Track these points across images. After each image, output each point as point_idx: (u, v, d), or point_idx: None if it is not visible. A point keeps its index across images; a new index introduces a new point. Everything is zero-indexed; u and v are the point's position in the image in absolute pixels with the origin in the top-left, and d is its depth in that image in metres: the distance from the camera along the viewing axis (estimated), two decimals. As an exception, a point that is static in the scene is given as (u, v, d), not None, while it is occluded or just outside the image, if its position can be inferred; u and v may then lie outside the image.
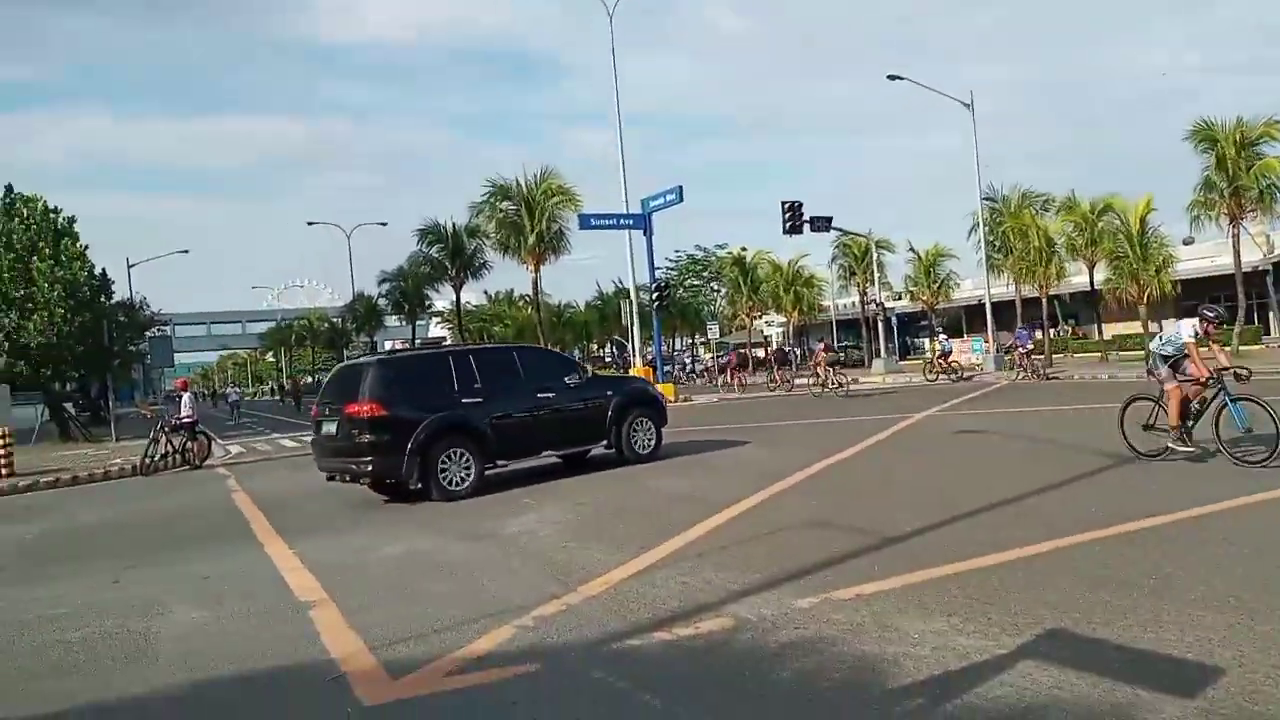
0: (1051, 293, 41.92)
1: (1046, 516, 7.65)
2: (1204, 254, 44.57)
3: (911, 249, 51.74)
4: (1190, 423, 9.83)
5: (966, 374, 32.72)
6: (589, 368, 16.57)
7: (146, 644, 5.81)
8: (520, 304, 78.71)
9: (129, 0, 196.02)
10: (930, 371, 33.36)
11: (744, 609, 5.55)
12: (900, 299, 56.79)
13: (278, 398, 51.16)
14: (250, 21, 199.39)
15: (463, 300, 57.05)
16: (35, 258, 24.61)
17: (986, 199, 41.33)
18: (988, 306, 38.47)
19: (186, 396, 18.97)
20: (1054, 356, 38.89)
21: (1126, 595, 5.28)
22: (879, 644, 4.75)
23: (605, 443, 13.19)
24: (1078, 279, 42.92)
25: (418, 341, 56.91)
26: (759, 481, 10.43)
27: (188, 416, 18.28)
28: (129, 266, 42.63)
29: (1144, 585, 5.45)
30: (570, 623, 5.57)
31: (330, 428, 11.83)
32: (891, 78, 35.88)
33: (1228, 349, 13.12)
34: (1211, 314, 9.61)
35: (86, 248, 26.96)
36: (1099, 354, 41.92)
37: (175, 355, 35.23)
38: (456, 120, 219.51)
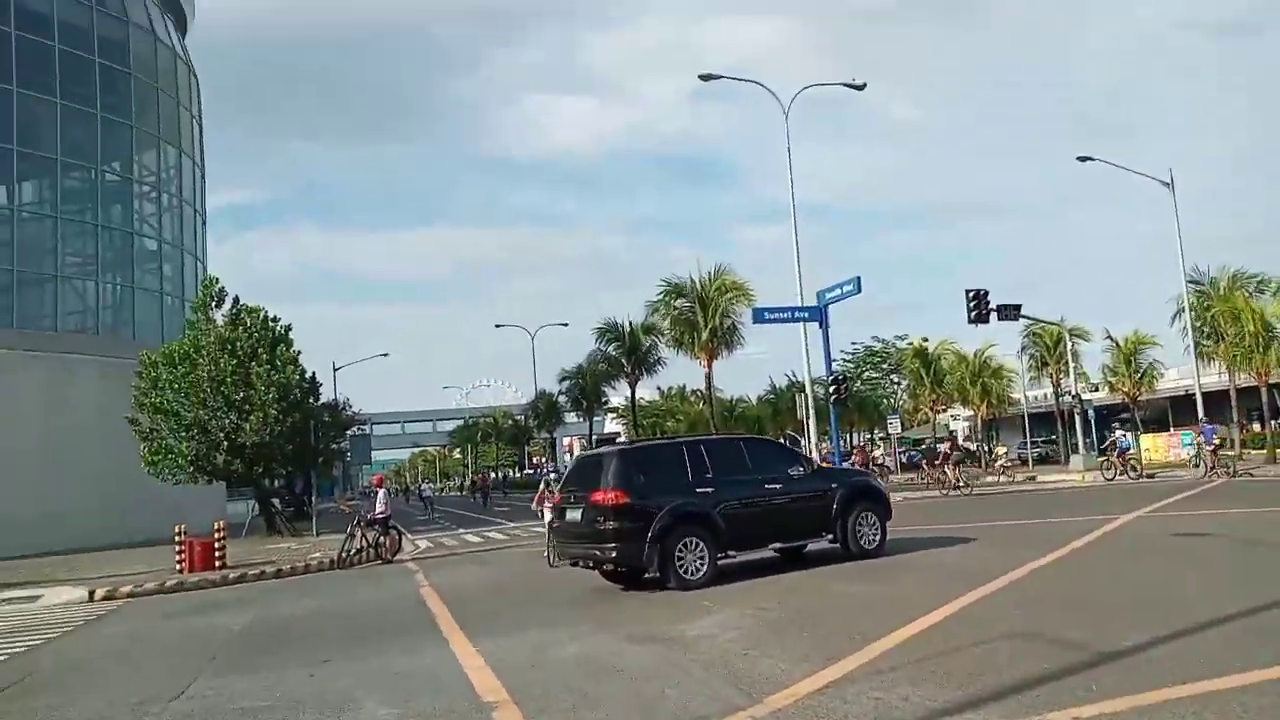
0: (1271, 380, 38.29)
1: (1295, 634, 6.75)
2: None
3: (1109, 337, 48.72)
4: None
5: (1148, 472, 29.97)
6: (814, 460, 16.58)
7: (339, 740, 5.94)
8: (692, 399, 79.11)
9: (340, 125, 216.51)
10: (1107, 469, 30.65)
11: (947, 729, 5.11)
12: (1097, 390, 53.34)
13: (467, 494, 53.32)
14: (447, 142, 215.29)
15: (637, 396, 57.97)
16: (254, 363, 26.84)
17: (1192, 282, 38.54)
18: (1198, 397, 35.46)
19: (381, 493, 19.93)
20: (1277, 451, 35.25)
21: None
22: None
23: (830, 536, 13.05)
24: (1304, 364, 39.05)
25: (594, 438, 58.03)
26: (954, 587, 9.78)
27: (382, 512, 19.16)
28: (334, 369, 46.06)
29: None
30: (756, 737, 5.29)
31: (575, 515, 12.28)
32: (1081, 159, 34.51)
33: None
34: None
35: (299, 353, 29.21)
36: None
37: (372, 453, 37.26)
38: (635, 224, 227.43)
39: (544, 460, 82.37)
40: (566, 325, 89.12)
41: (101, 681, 8.69)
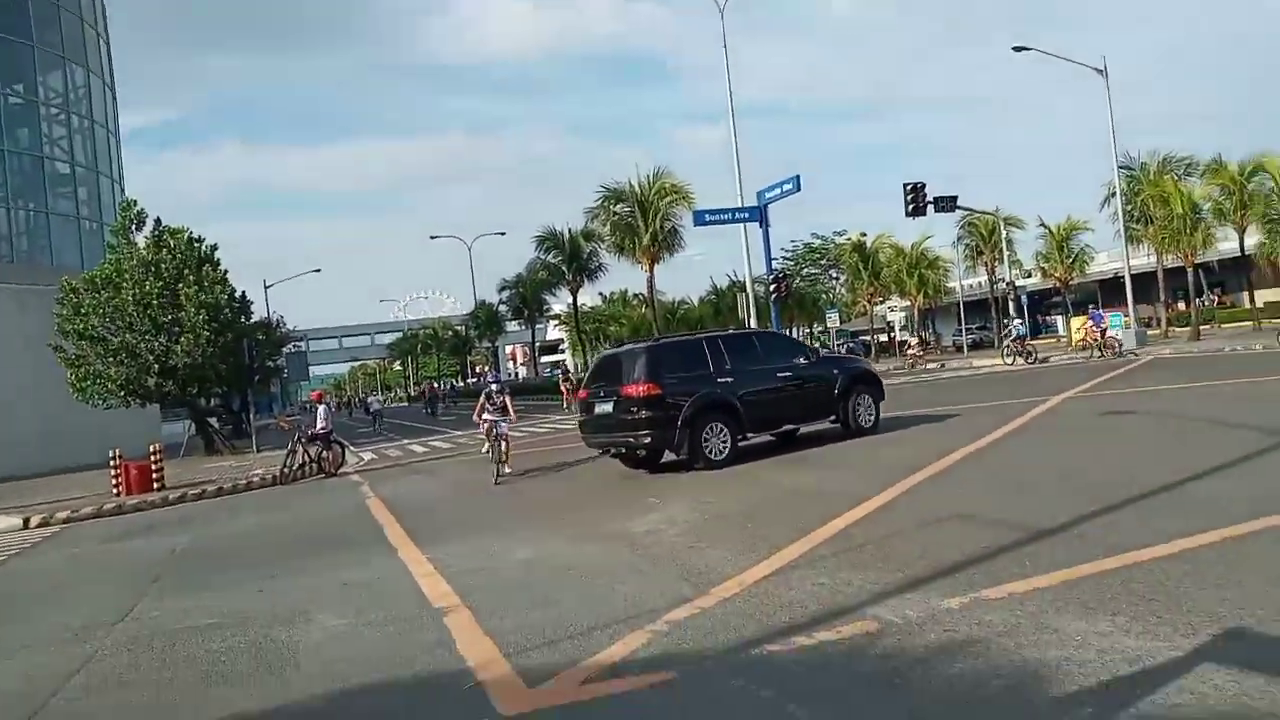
0: (1197, 261, 39.41)
1: (1212, 504, 7.05)
2: (1369, 212, 41.02)
3: (1042, 224, 49.56)
4: None
5: (1121, 350, 31.22)
6: (817, 348, 17.75)
7: (290, 653, 5.92)
8: (634, 303, 79.09)
9: (257, 38, 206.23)
10: (1083, 348, 32.49)
11: (887, 611, 5.27)
12: (1030, 276, 54.52)
13: (421, 404, 53.18)
14: (371, 49, 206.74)
15: (579, 302, 57.72)
16: (181, 285, 26.00)
17: (1123, 167, 39.10)
18: (1128, 280, 36.39)
19: (322, 408, 19.68)
20: (1200, 329, 36.59)
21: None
22: (1038, 647, 4.40)
23: (833, 418, 14.27)
24: (1225, 245, 40.24)
25: (537, 346, 57.84)
26: (890, 475, 10.03)
27: (323, 427, 18.95)
28: (266, 287, 44.96)
29: None
30: (705, 627, 5.39)
31: (605, 407, 13.32)
32: (1017, 49, 34.37)
33: None
34: None
35: (227, 273, 28.37)
36: (1251, 322, 39.21)
37: (309, 369, 36.67)
38: (572, 128, 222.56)
39: (485, 369, 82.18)
40: (504, 234, 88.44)
41: (41, 608, 8.55)
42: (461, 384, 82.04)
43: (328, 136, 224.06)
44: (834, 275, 67.60)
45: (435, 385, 62.04)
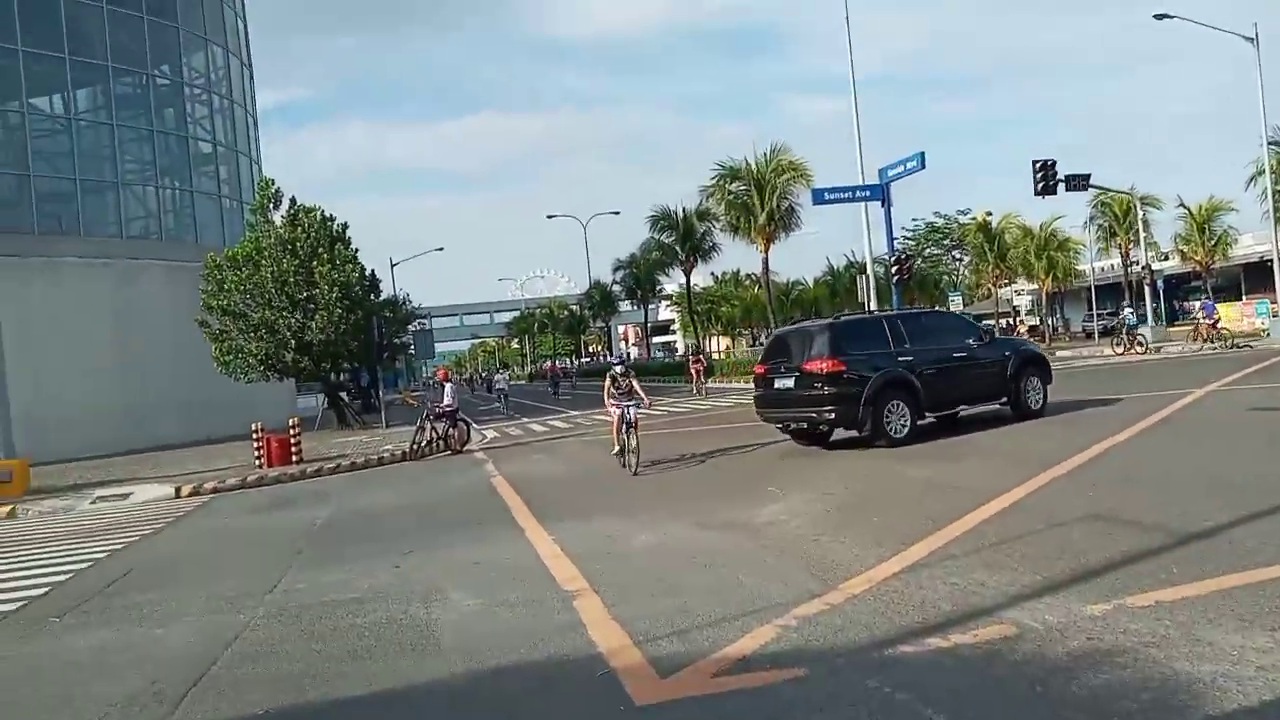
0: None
1: (1384, 512, 6.60)
2: None
3: (1182, 204, 46.88)
4: None
5: (1238, 341, 29.57)
6: (991, 330, 17.80)
7: (429, 631, 6.19)
8: (747, 283, 78.59)
9: (378, 15, 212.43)
10: (1194, 339, 30.65)
11: (1025, 615, 5.14)
12: (1167, 259, 51.72)
13: (545, 384, 54.11)
14: (486, 23, 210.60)
15: (691, 283, 57.71)
16: (315, 263, 27.18)
17: (1273, 143, 36.58)
18: (1276, 264, 34.07)
19: (449, 386, 20.33)
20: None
21: None
22: (1190, 660, 4.23)
23: (1003, 399, 14.40)
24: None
25: (649, 326, 58.00)
26: (1024, 469, 9.73)
27: (449, 405, 19.57)
28: (392, 265, 46.40)
29: None
30: (835, 624, 5.38)
31: (786, 383, 13.72)
32: (1159, 17, 32.49)
33: None
34: None
35: (357, 251, 29.50)
36: None
37: (434, 346, 37.82)
38: (684, 103, 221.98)
39: (601, 349, 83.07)
40: (618, 214, 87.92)
41: (197, 576, 9.14)
42: (577, 363, 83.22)
43: (447, 112, 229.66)
44: (957, 256, 65.60)
45: (554, 364, 62.57)
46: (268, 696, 5.19)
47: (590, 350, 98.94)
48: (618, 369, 13.79)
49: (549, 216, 69.77)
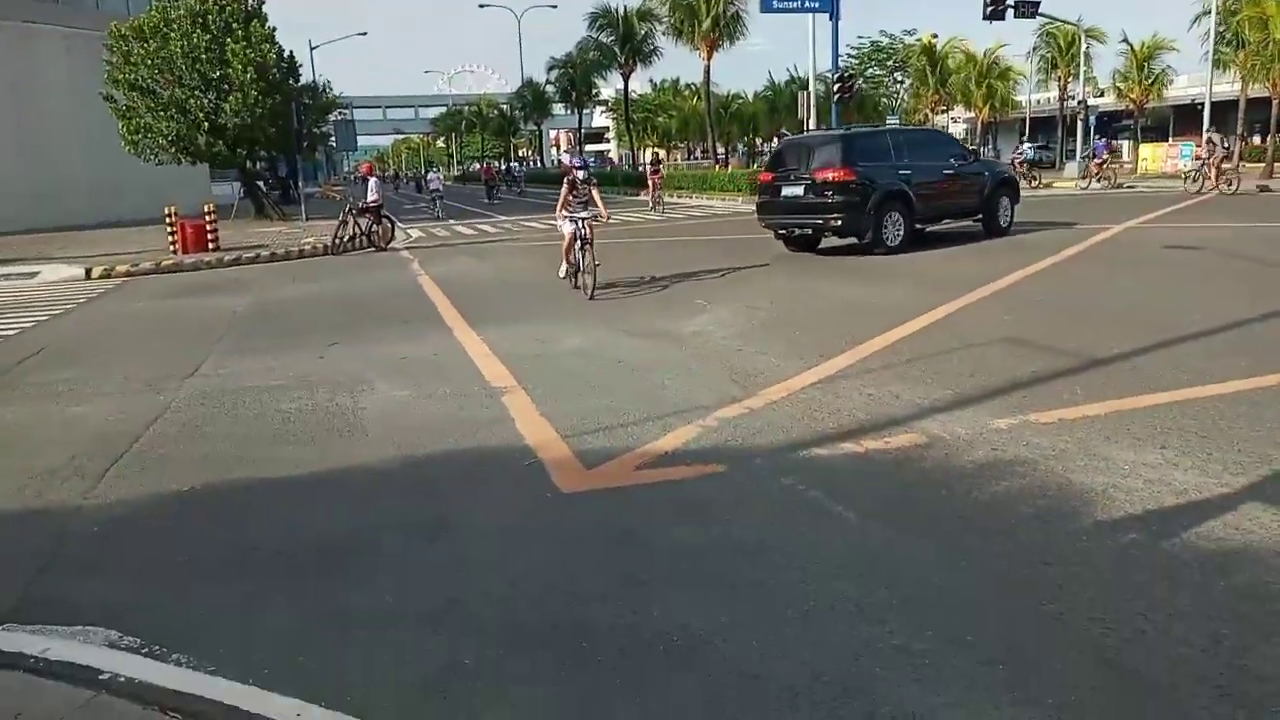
0: (1286, 93, 37.01)
1: (1275, 346, 6.99)
2: None
3: (1125, 40, 46.56)
4: None
5: (1119, 182, 30.32)
6: (974, 149, 19.21)
7: (356, 419, 6.22)
8: (686, 93, 76.46)
9: None
10: (1083, 177, 31.27)
11: (935, 425, 5.39)
12: (1103, 95, 51.79)
13: (478, 186, 51.38)
14: None
15: (629, 89, 55.84)
16: (229, 40, 25.39)
17: (1224, -18, 36.09)
18: (1207, 107, 34.47)
19: (373, 181, 19.67)
20: (1275, 166, 34.88)
21: None
22: (1085, 473, 4.52)
23: (978, 216, 15.56)
24: (1322, 78, 37.60)
25: (582, 132, 56.20)
26: (945, 292, 9.98)
27: (374, 200, 18.99)
28: (311, 49, 43.68)
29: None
30: (753, 426, 5.57)
31: (795, 190, 14.37)
32: None
33: None
34: None
35: (274, 30, 27.57)
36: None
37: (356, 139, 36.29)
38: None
39: (531, 154, 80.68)
40: (555, 7, 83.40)
41: (113, 357, 8.96)
42: (520, 166, 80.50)
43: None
44: (898, 79, 64.53)
45: (490, 166, 58.63)
46: (192, 474, 5.21)
47: (519, 154, 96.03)
48: (579, 174, 11.73)
49: (481, 5, 64.85)
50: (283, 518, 4.57)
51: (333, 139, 35.82)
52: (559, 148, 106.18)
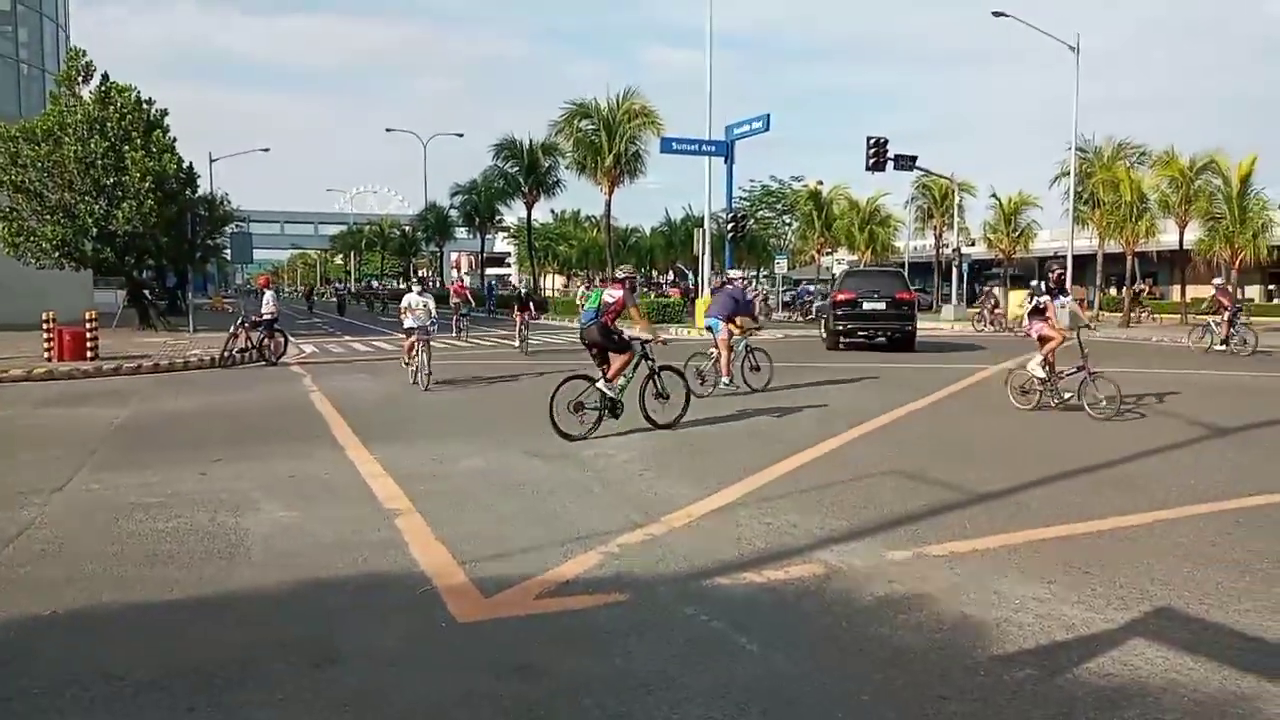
0: (1138, 249, 40.36)
1: (1146, 485, 7.38)
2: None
3: (994, 195, 50.23)
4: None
5: (1016, 329, 32.25)
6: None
7: (239, 540, 5.91)
8: (586, 225, 78.36)
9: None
10: (979, 322, 33.16)
11: (833, 557, 5.45)
12: (974, 245, 55.32)
13: (368, 302, 49.00)
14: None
15: (532, 218, 56.93)
16: (127, 148, 24.94)
17: (1079, 149, 39.65)
18: (1069, 260, 37.10)
19: (269, 294, 19.30)
20: (1131, 316, 37.65)
21: (1240, 578, 5.06)
22: (979, 607, 4.62)
23: (897, 334, 22.47)
24: (1166, 238, 41.22)
25: (484, 257, 56.73)
26: (835, 425, 10.26)
27: (269, 313, 18.60)
28: (211, 161, 43.28)
29: (1257, 568, 5.22)
30: (657, 554, 5.53)
31: (878, 306, 21.56)
32: (996, 14, 34.25)
33: None
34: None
35: (175, 141, 27.28)
36: (1178, 315, 40.48)
37: (253, 251, 35.75)
38: (543, 32, 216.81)
39: (431, 274, 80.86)
40: (461, 135, 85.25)
41: (-27, 468, 8.35)
42: (402, 285, 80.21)
43: (287, 7, 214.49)
44: (787, 221, 67.68)
45: (374, 287, 57.52)
46: (55, 596, 4.83)
47: (419, 275, 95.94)
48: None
49: (388, 130, 66.17)
50: (156, 645, 4.24)
51: (227, 251, 35.14)
52: (459, 269, 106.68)
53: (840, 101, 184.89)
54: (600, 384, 9.68)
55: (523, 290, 26.31)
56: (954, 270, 42.82)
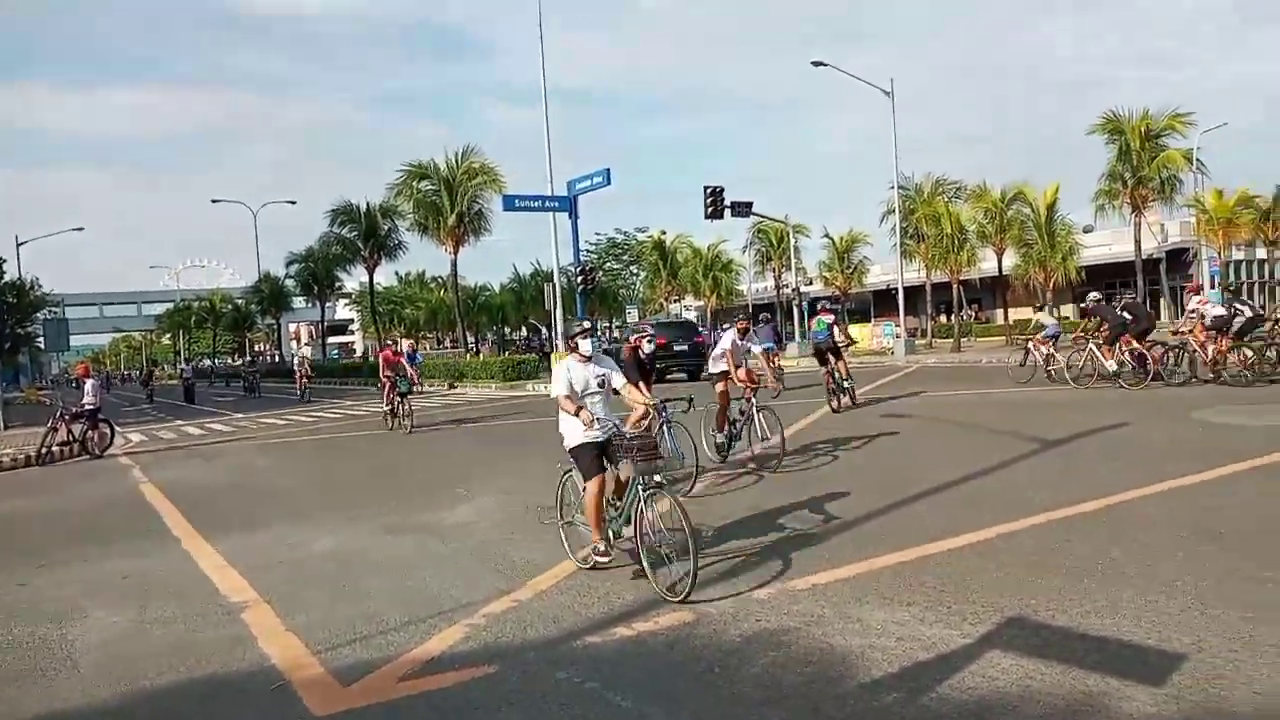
0: (962, 278, 43.10)
1: (989, 501, 7.76)
2: (1103, 241, 46.42)
3: (827, 234, 52.67)
4: None
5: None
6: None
7: (65, 653, 5.41)
8: (433, 286, 77.44)
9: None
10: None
11: (701, 602, 5.45)
12: (812, 283, 57.75)
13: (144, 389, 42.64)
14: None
15: (375, 282, 55.74)
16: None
17: (901, 187, 42.18)
18: (900, 293, 39.25)
19: (90, 383, 18.05)
20: (961, 340, 40.01)
21: (1078, 582, 5.35)
22: (843, 636, 4.71)
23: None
24: (986, 265, 44.20)
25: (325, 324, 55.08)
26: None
27: (90, 403, 17.36)
28: (18, 244, 40.40)
29: (1094, 571, 5.55)
30: (524, 620, 5.39)
31: (682, 348, 26.51)
32: (816, 64, 36.12)
33: None
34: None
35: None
36: (1003, 338, 43.30)
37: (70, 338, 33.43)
38: (378, 98, 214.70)
39: (269, 348, 77.79)
40: (294, 203, 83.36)
41: None
42: (238, 360, 76.79)
43: (106, 79, 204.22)
44: (634, 271, 68.92)
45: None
46: None
47: (256, 349, 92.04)
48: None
49: (214, 201, 62.51)
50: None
51: (40, 339, 32.73)
52: (298, 341, 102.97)
53: (678, 153, 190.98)
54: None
55: (404, 348, 25.36)
56: (794, 309, 44.46)
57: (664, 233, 60.09)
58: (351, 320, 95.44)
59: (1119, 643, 4.41)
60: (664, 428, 8.99)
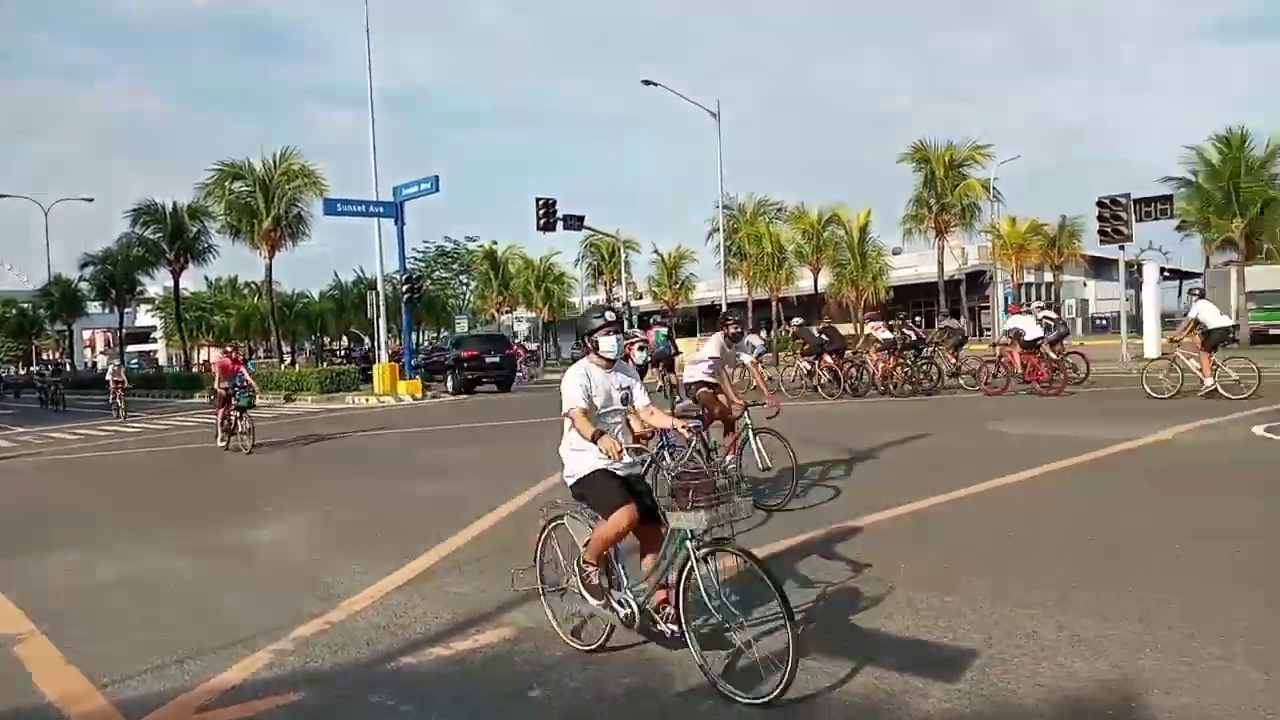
0: (781, 295, 44.90)
1: (809, 512, 8.05)
2: (910, 263, 49.52)
3: (656, 251, 53.74)
4: None
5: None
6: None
7: None
8: (246, 292, 73.59)
9: None
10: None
11: (523, 616, 5.38)
12: (642, 298, 58.69)
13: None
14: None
15: (182, 286, 52.35)
16: None
17: (726, 207, 43.54)
18: (723, 308, 40.40)
19: None
20: (779, 355, 41.63)
21: (881, 586, 5.62)
22: (660, 647, 4.74)
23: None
24: (804, 283, 46.23)
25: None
26: (517, 484, 10.22)
27: None
28: None
29: (894, 575, 5.84)
30: (336, 643, 5.15)
31: (495, 359, 27.98)
32: (646, 83, 36.70)
33: None
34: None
35: None
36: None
37: None
38: (190, 93, 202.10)
39: (61, 357, 71.92)
40: (91, 200, 76.48)
41: None
42: (22, 371, 70.40)
43: None
44: (464, 281, 67.88)
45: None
46: None
47: (43, 358, 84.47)
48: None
49: (1, 196, 56.77)
50: None
51: None
52: (93, 349, 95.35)
53: (509, 164, 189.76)
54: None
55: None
56: (624, 322, 44.95)
57: (495, 243, 59.58)
58: (154, 328, 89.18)
59: (916, 642, 4.65)
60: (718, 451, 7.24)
